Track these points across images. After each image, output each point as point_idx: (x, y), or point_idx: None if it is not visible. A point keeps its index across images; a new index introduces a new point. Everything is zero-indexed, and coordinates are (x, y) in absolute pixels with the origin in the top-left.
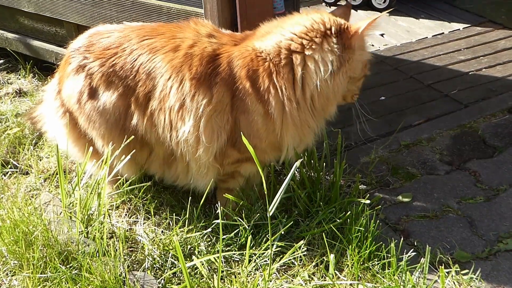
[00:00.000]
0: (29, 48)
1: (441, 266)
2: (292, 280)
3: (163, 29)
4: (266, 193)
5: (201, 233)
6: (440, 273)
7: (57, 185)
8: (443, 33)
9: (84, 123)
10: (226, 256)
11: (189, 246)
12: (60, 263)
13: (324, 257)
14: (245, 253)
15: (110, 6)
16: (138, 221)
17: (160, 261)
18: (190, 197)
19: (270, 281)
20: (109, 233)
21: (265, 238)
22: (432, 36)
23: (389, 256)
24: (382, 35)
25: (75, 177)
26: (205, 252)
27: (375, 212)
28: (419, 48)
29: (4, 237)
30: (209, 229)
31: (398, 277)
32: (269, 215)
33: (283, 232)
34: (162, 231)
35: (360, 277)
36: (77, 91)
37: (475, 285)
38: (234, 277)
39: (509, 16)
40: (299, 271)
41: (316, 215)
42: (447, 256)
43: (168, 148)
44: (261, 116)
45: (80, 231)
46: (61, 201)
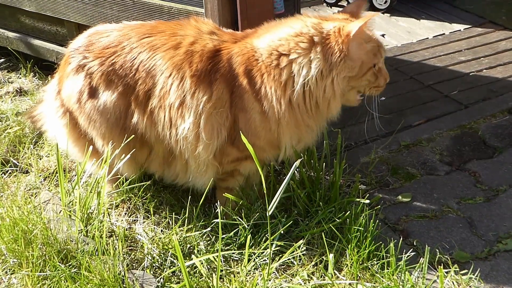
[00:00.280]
0: (30, 47)
1: (440, 266)
2: (291, 280)
3: (163, 26)
4: (266, 192)
5: (200, 232)
6: (439, 273)
7: (57, 184)
8: (443, 33)
9: (84, 122)
10: (226, 255)
11: (188, 245)
12: (59, 262)
13: (323, 257)
14: (245, 252)
15: (111, 6)
16: (138, 220)
17: (159, 260)
18: (190, 196)
19: (269, 280)
20: (108, 232)
21: (264, 238)
22: (433, 36)
23: (388, 256)
24: (383, 35)
25: (75, 176)
26: (205, 251)
27: (374, 212)
28: (419, 48)
29: (3, 236)
30: (209, 228)
31: (397, 277)
32: (268, 214)
33: (282, 232)
34: (162, 230)
35: (359, 276)
36: (77, 90)
37: (474, 285)
38: (233, 276)
39: (509, 17)
40: (298, 270)
41: (316, 214)
42: (446, 256)
43: (168, 146)
44: (258, 114)
45: (79, 230)
46: (60, 199)
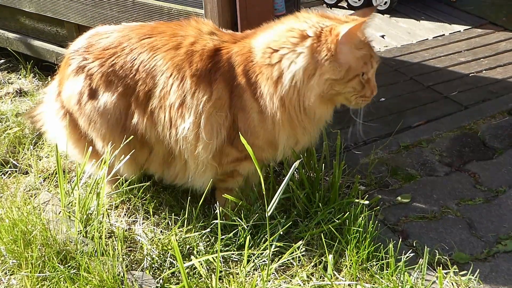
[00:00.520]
0: (30, 48)
1: (439, 267)
2: (291, 281)
3: (164, 27)
4: (265, 193)
5: (200, 233)
6: (438, 274)
7: (56, 185)
8: (443, 34)
9: (85, 124)
10: (225, 256)
11: (188, 246)
12: (59, 263)
13: (322, 258)
14: (244, 253)
15: (111, 7)
16: (137, 221)
17: (158, 261)
18: (189, 197)
19: (269, 281)
20: (108, 233)
21: (263, 238)
22: (433, 37)
23: (387, 256)
24: (383, 36)
25: (74, 177)
26: (204, 252)
27: (374, 213)
28: (419, 49)
29: (3, 236)
30: (208, 229)
31: (396, 277)
32: (267, 215)
33: (282, 233)
34: (161, 231)
35: (358, 277)
36: (77, 92)
37: (473, 286)
38: (233, 277)
39: (509, 18)
40: (297, 271)
41: (315, 215)
42: (446, 257)
43: (168, 147)
44: (256, 113)
45: (78, 231)
46: (60, 200)
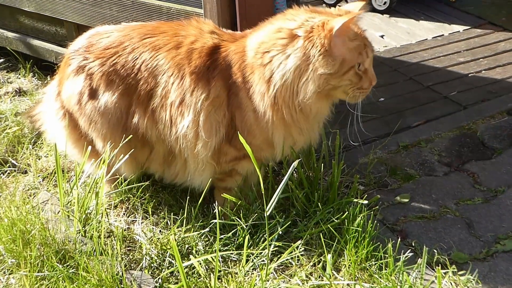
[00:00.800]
0: (29, 47)
1: (438, 267)
2: (290, 280)
3: (165, 27)
4: (264, 192)
5: (199, 232)
6: (437, 273)
7: (55, 184)
8: (443, 35)
9: (85, 124)
10: (224, 255)
11: (187, 246)
12: (57, 262)
13: (321, 257)
14: (243, 252)
15: (110, 6)
16: (136, 220)
17: (157, 260)
18: (188, 197)
19: (268, 280)
20: (107, 232)
21: (262, 238)
22: (432, 37)
23: (386, 256)
24: (382, 36)
25: (74, 176)
26: (203, 252)
27: (373, 212)
28: (418, 49)
29: (1, 236)
30: (207, 229)
31: (395, 277)
32: (266, 215)
33: (280, 232)
34: (160, 231)
35: (357, 277)
36: (77, 92)
37: (472, 286)
38: (232, 276)
39: (509, 18)
40: (296, 271)
41: (314, 215)
42: (445, 257)
43: (168, 146)
44: (252, 112)
45: (77, 230)
46: (59, 200)
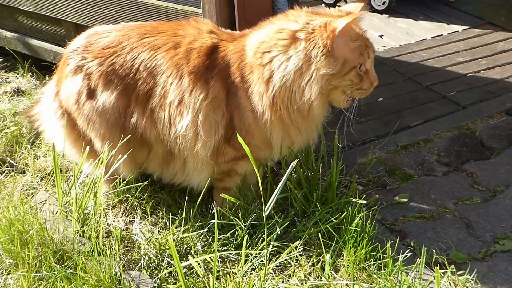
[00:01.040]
0: (28, 47)
1: (437, 267)
2: (288, 280)
3: (164, 27)
4: (263, 193)
5: (197, 232)
6: (436, 273)
7: (53, 184)
8: (442, 34)
9: (83, 123)
10: (222, 255)
11: (185, 246)
12: (55, 262)
13: (320, 257)
14: (241, 253)
15: (109, 6)
16: (135, 220)
17: (156, 260)
18: (187, 197)
19: (266, 281)
20: (105, 233)
21: (261, 238)
22: (431, 37)
23: (385, 256)
24: (381, 36)
25: (72, 176)
26: (201, 252)
27: (371, 212)
28: (417, 49)
29: None
30: (206, 229)
31: (394, 277)
32: (264, 215)
33: (279, 232)
34: (159, 231)
35: (356, 277)
36: (75, 91)
37: (471, 286)
38: (230, 277)
39: (508, 18)
40: (295, 271)
41: (313, 215)
42: (443, 257)
43: (167, 146)
44: (251, 112)
45: (75, 230)
46: (57, 200)
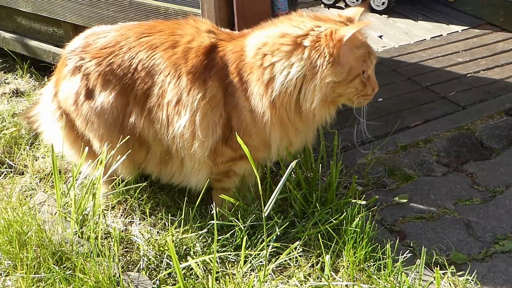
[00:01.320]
0: (27, 48)
1: (437, 268)
2: (288, 281)
3: (162, 26)
4: (262, 193)
5: (196, 233)
6: (436, 274)
7: (52, 185)
8: (441, 35)
9: (82, 124)
10: (222, 256)
11: (184, 247)
12: (54, 264)
13: (320, 258)
14: (241, 253)
15: (108, 6)
16: (134, 221)
17: (155, 261)
18: (186, 198)
19: (266, 282)
20: (104, 234)
21: (261, 239)
22: (431, 38)
23: (385, 257)
24: (381, 36)
25: (71, 177)
26: (201, 253)
27: (371, 213)
28: (417, 50)
29: None
30: (205, 230)
31: (393, 278)
32: (264, 215)
33: (279, 233)
34: (158, 232)
35: (355, 278)
36: (73, 92)
37: (471, 286)
38: (229, 278)
39: (507, 18)
40: (294, 272)
41: (312, 216)
42: (443, 258)
43: (165, 146)
44: (249, 112)
45: (74, 232)
46: (56, 201)
